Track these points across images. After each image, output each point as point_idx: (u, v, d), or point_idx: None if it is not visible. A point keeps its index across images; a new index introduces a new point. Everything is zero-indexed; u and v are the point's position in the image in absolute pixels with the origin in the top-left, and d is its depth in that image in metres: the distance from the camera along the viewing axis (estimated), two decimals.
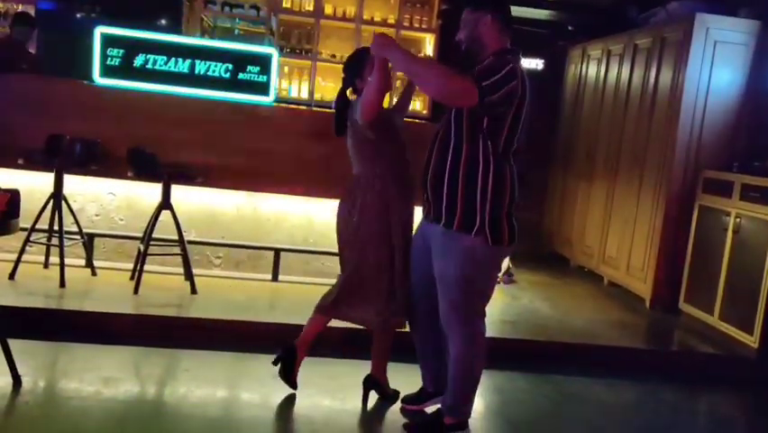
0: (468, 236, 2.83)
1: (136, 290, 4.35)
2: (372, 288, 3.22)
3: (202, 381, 3.52)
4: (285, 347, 3.35)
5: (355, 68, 3.31)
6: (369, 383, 3.41)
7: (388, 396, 3.42)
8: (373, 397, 3.48)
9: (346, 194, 3.28)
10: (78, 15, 7.20)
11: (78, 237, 4.58)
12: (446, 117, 2.95)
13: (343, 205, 3.28)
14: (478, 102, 2.72)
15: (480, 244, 2.83)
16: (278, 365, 3.36)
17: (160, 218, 4.44)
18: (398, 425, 3.26)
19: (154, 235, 4.45)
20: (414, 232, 3.26)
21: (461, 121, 2.85)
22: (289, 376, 3.36)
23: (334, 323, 3.41)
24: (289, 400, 3.33)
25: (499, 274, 5.53)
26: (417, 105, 7.45)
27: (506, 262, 5.70)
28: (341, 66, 3.55)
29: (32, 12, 6.74)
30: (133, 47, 4.84)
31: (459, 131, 2.85)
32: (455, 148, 2.85)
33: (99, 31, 4.81)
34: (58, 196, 4.36)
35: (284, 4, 7.16)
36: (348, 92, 3.33)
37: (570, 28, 7.46)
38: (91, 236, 4.80)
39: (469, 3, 2.96)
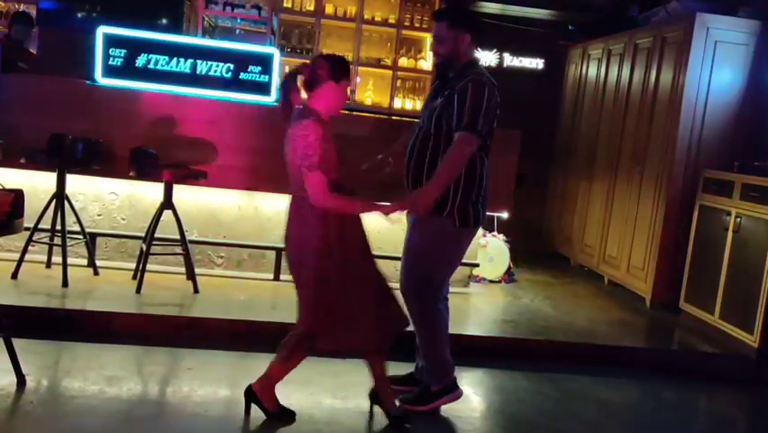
0: (439, 217, 3.17)
1: (138, 290, 4.36)
2: (338, 316, 3.00)
3: (204, 380, 3.54)
4: (245, 393, 3.18)
5: (343, 73, 3.02)
6: (374, 398, 3.29)
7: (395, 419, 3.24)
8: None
9: (295, 218, 3.06)
10: (80, 15, 7.21)
11: (81, 237, 4.60)
12: (427, 116, 3.25)
13: (294, 233, 3.07)
14: (482, 142, 3.14)
15: (448, 224, 3.19)
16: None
17: (162, 218, 4.46)
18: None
19: (156, 235, 4.46)
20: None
21: (441, 124, 3.15)
22: (270, 410, 3.15)
23: None
24: (291, 399, 3.34)
25: (498, 276, 5.64)
26: (418, 104, 7.46)
27: (505, 262, 5.73)
28: None
29: (33, 12, 6.75)
30: (135, 47, 4.85)
31: (439, 131, 3.16)
32: (434, 146, 3.17)
33: (101, 31, 4.82)
34: (60, 195, 4.37)
35: (285, 4, 7.17)
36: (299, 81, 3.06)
37: (570, 28, 7.46)
38: (93, 236, 4.81)
39: (449, 20, 3.21)
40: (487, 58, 7.68)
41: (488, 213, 3.78)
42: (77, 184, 4.72)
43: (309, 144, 2.88)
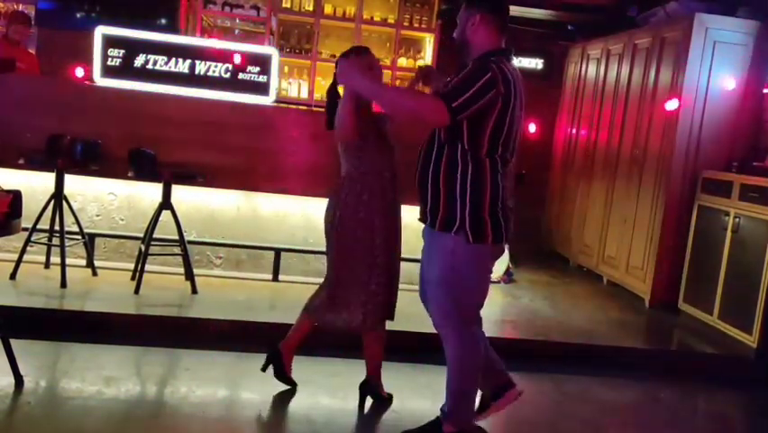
0: (448, 235, 2.82)
1: (137, 290, 4.36)
2: (350, 290, 3.21)
3: (203, 380, 3.53)
4: (270, 351, 3.39)
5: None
6: (365, 388, 3.40)
7: (383, 399, 3.42)
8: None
9: (331, 194, 3.28)
10: (78, 15, 7.20)
11: (79, 237, 4.59)
12: None
13: (329, 205, 3.28)
14: (450, 120, 2.70)
15: (461, 243, 2.80)
16: (269, 368, 3.39)
17: (161, 218, 4.45)
18: (398, 424, 3.28)
19: (155, 235, 4.46)
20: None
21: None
22: (283, 375, 3.40)
23: None
24: (289, 400, 3.34)
25: (497, 276, 5.61)
26: None
27: (504, 262, 5.71)
28: None
29: (32, 12, 6.74)
30: (134, 47, 4.85)
31: (440, 134, 2.85)
32: (438, 150, 2.85)
33: (100, 31, 4.82)
34: (59, 196, 4.37)
35: (284, 4, 7.17)
36: (340, 87, 3.28)
37: (570, 28, 7.46)
38: (92, 236, 4.81)
39: (464, 2, 2.92)
40: None
41: None
42: (76, 185, 4.72)
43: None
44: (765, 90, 5.13)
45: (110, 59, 4.82)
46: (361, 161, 3.19)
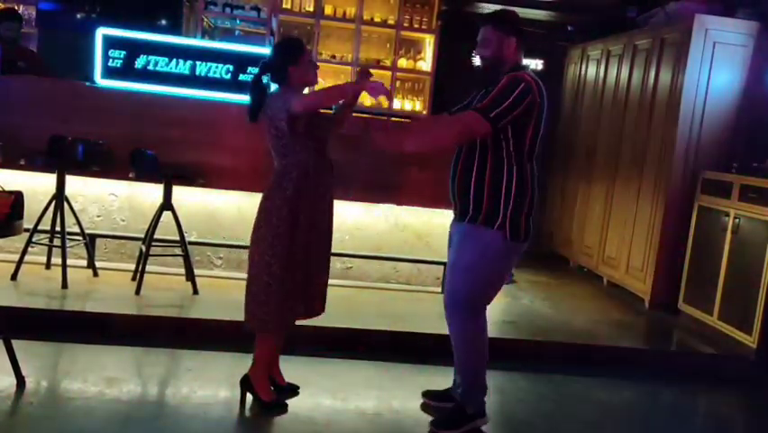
0: (489, 230, 3.04)
1: (138, 291, 4.37)
2: (256, 288, 3.17)
3: (204, 381, 3.54)
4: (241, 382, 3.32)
5: (295, 54, 3.17)
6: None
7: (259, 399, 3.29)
8: (373, 397, 3.50)
9: (265, 190, 3.21)
10: (79, 16, 7.21)
11: (80, 238, 4.60)
12: None
13: (261, 201, 3.21)
14: (492, 130, 2.95)
15: (499, 238, 3.04)
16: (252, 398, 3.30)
17: (162, 219, 4.46)
18: (399, 425, 3.29)
19: (156, 236, 4.47)
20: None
21: None
22: (265, 401, 3.26)
23: (333, 322, 3.42)
24: (290, 400, 3.34)
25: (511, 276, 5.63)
26: (417, 105, 7.46)
27: None
28: (341, 66, 3.55)
29: (32, 12, 6.73)
30: (135, 48, 4.85)
31: (483, 141, 3.03)
32: (481, 153, 3.04)
33: (101, 32, 4.82)
34: (60, 197, 4.37)
35: (284, 5, 7.17)
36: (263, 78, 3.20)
37: (569, 28, 7.47)
38: (93, 237, 4.82)
39: (493, 22, 3.13)
40: None
41: None
42: (77, 185, 4.72)
43: (280, 106, 3.05)
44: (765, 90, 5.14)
45: (111, 60, 4.82)
46: (287, 159, 3.13)
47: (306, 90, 3.29)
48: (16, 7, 6.94)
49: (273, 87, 3.23)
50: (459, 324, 3.18)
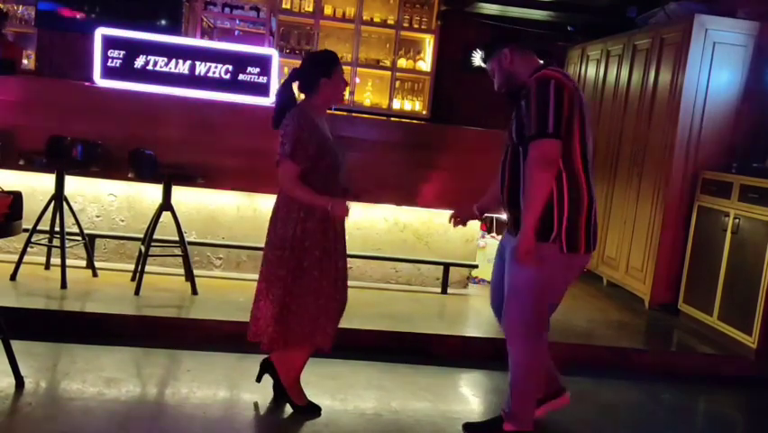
0: (545, 244, 2.87)
1: (137, 291, 4.36)
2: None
3: (203, 381, 3.53)
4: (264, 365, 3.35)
5: (329, 66, 3.09)
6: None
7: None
8: (373, 398, 3.49)
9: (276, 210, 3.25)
10: (79, 16, 7.20)
11: (79, 238, 4.60)
12: (512, 131, 2.98)
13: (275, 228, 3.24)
14: (559, 143, 2.82)
15: (555, 251, 2.87)
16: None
17: (161, 219, 4.46)
18: (399, 425, 3.28)
19: (155, 236, 4.46)
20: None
21: (524, 134, 2.89)
22: (299, 406, 3.28)
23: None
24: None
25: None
26: (417, 105, 7.46)
27: None
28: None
29: (32, 12, 6.71)
30: (134, 48, 4.85)
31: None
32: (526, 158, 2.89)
33: (100, 32, 4.82)
34: (59, 197, 4.37)
35: (284, 5, 7.18)
36: (294, 86, 3.14)
37: (569, 29, 7.47)
38: (92, 237, 4.81)
39: (486, 55, 3.08)
40: None
41: (487, 214, 3.77)
42: (76, 186, 4.72)
43: (286, 133, 3.03)
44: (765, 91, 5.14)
45: (110, 60, 4.82)
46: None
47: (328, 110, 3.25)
48: (16, 7, 6.95)
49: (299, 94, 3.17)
50: (517, 354, 3.05)
